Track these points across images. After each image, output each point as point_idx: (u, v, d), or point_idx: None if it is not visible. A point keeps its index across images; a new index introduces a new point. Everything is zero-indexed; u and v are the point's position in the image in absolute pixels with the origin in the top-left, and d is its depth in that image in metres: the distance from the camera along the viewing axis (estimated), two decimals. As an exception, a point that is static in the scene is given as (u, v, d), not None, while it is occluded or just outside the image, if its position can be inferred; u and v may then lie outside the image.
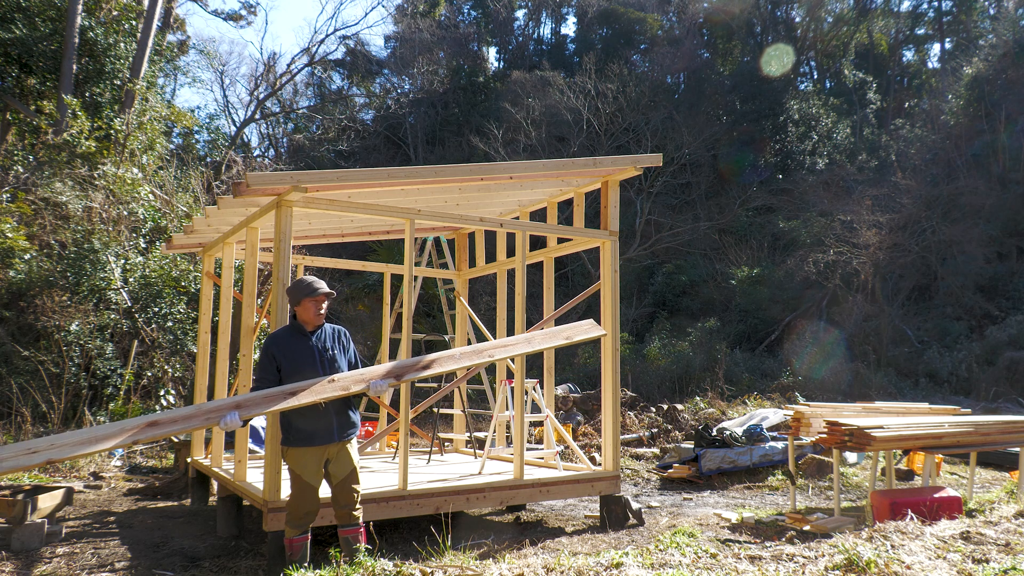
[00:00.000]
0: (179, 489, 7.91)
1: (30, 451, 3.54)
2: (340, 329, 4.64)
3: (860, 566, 3.56)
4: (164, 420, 3.89)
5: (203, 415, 3.97)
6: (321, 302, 4.44)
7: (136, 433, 3.76)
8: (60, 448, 3.60)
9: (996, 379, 16.66)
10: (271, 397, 4.10)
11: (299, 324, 4.46)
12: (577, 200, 7.21)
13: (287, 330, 4.49)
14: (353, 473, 4.43)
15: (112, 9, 16.73)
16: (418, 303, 17.89)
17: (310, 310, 4.42)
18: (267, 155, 31.95)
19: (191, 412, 3.99)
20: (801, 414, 7.11)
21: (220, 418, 3.93)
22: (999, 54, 26.46)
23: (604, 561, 3.63)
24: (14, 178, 13.33)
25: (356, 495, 4.43)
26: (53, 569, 5.01)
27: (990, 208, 22.50)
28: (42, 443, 3.60)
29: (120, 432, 3.75)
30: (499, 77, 32.80)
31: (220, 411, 3.99)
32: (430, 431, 8.94)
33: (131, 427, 3.78)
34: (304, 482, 4.34)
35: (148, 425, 3.81)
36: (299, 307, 4.44)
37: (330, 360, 4.43)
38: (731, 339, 20.45)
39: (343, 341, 4.59)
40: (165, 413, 3.97)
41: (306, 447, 4.32)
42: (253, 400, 4.08)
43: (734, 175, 27.03)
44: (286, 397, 4.10)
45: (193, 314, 12.39)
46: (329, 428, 4.34)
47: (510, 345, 4.97)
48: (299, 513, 4.39)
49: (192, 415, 3.98)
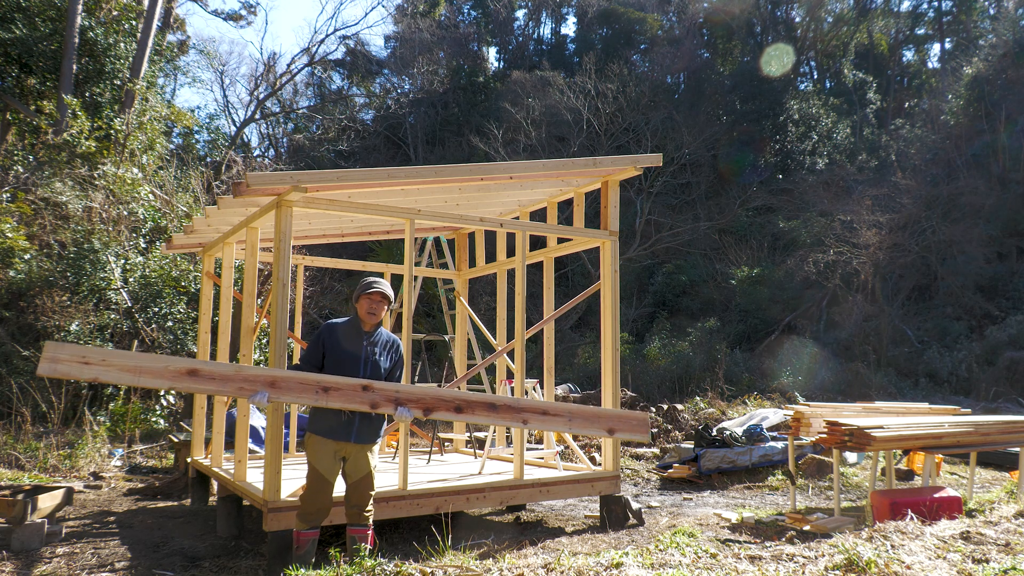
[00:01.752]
0: (179, 489, 7.91)
1: (83, 359, 3.81)
2: (396, 340, 4.74)
3: (860, 566, 3.56)
4: (204, 372, 4.03)
5: (239, 381, 4.07)
6: (375, 301, 4.54)
7: (176, 379, 3.96)
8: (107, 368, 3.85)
9: (996, 379, 16.66)
10: (305, 385, 4.15)
11: (358, 320, 4.60)
12: (577, 200, 7.21)
13: (347, 322, 4.63)
14: (368, 477, 4.47)
15: (112, 9, 16.74)
16: (418, 303, 17.89)
17: (363, 307, 4.56)
18: (267, 155, 31.96)
19: (229, 374, 4.09)
20: (801, 414, 7.11)
21: (252, 393, 4.03)
22: (999, 54, 26.47)
23: (604, 561, 3.63)
24: (14, 178, 13.33)
25: (368, 498, 4.47)
26: (53, 569, 5.01)
27: (990, 208, 22.51)
28: (95, 355, 3.87)
29: (163, 371, 3.95)
30: (499, 77, 32.80)
31: (255, 384, 4.06)
32: (430, 431, 8.94)
33: (174, 368, 3.98)
34: (319, 474, 4.38)
35: (188, 373, 3.99)
36: (357, 304, 4.60)
37: (374, 363, 4.52)
38: (731, 339, 20.45)
39: (392, 351, 4.68)
40: (207, 364, 4.11)
41: (323, 438, 4.39)
42: (287, 383, 4.14)
43: (734, 175, 27.03)
44: (317, 392, 4.15)
45: (193, 314, 12.39)
46: (348, 427, 4.39)
47: (548, 417, 4.68)
48: (311, 508, 4.41)
49: (230, 377, 4.08)
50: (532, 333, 6.67)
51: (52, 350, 3.78)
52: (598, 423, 4.80)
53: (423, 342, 12.08)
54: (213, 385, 4.04)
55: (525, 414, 4.62)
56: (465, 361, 8.98)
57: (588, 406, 4.89)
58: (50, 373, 3.75)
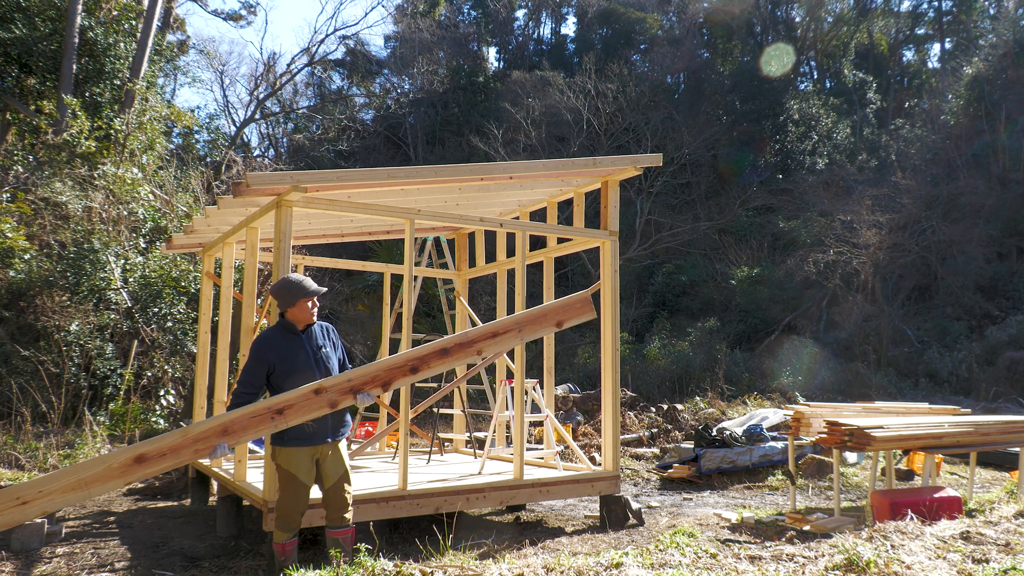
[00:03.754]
0: (179, 489, 7.91)
1: (18, 501, 3.43)
2: (327, 325, 4.58)
3: (860, 566, 3.56)
4: (151, 453, 3.73)
5: (191, 445, 3.82)
6: (318, 300, 4.43)
7: (126, 473, 3.64)
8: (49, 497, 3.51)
9: (996, 379, 16.66)
10: (258, 417, 3.94)
11: (289, 323, 4.38)
12: (577, 200, 7.21)
13: (277, 330, 4.38)
14: (346, 475, 4.40)
15: (112, 9, 16.73)
16: (418, 303, 17.88)
17: (306, 310, 4.36)
18: (267, 155, 31.96)
19: (177, 442, 3.82)
20: (801, 414, 7.11)
21: (210, 450, 3.85)
22: (999, 54, 26.46)
23: (604, 561, 3.63)
24: (14, 178, 13.33)
25: (349, 496, 4.41)
26: (53, 569, 5.01)
27: (990, 208, 22.50)
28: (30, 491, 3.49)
29: (109, 472, 3.61)
30: (499, 77, 32.79)
31: (208, 440, 3.85)
32: (430, 431, 8.94)
33: (119, 463, 3.63)
34: (299, 482, 4.28)
35: (136, 460, 3.68)
36: (294, 308, 4.35)
37: (325, 358, 4.39)
38: (731, 339, 20.44)
39: (332, 338, 4.55)
40: (150, 444, 3.78)
41: (302, 447, 4.26)
42: (240, 424, 3.93)
43: (734, 175, 27.03)
44: (272, 417, 3.95)
45: (193, 314, 12.39)
46: (325, 428, 4.31)
47: (499, 337, 4.58)
48: (293, 515, 4.33)
49: (179, 445, 3.81)
50: (532, 333, 6.67)
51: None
52: (545, 321, 4.75)
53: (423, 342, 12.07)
54: (167, 461, 3.76)
55: (477, 344, 4.50)
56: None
57: (532, 308, 4.82)
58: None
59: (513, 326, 4.62)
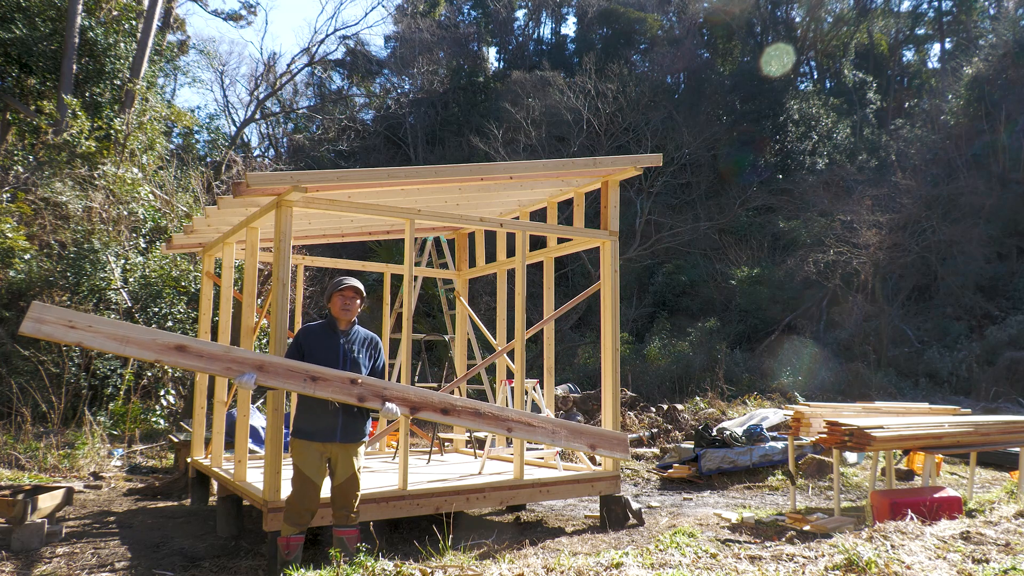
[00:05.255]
0: (179, 489, 7.90)
1: (69, 323, 3.75)
2: (374, 337, 4.77)
3: (860, 566, 3.56)
4: (192, 349, 4.02)
5: (227, 361, 4.07)
6: (347, 297, 4.58)
7: (163, 352, 3.94)
8: (94, 334, 3.82)
9: (996, 379, 16.66)
10: (293, 372, 4.18)
11: (333, 320, 4.62)
12: (577, 200, 7.21)
13: (321, 324, 4.65)
14: (354, 478, 4.48)
15: (112, 9, 16.73)
16: (418, 303, 17.88)
17: (336, 305, 4.58)
18: (267, 155, 31.94)
19: (218, 353, 4.09)
20: (801, 414, 7.11)
21: (239, 374, 4.08)
22: (999, 54, 26.46)
23: (604, 561, 3.63)
24: (14, 178, 13.33)
25: (355, 499, 4.49)
26: (53, 569, 5.01)
27: (990, 208, 22.50)
28: (82, 320, 3.82)
29: (150, 343, 3.92)
30: (499, 77, 32.79)
31: (243, 365, 4.09)
32: (430, 431, 8.94)
33: (162, 342, 3.95)
34: (305, 476, 4.39)
35: (176, 348, 3.98)
36: (330, 303, 4.61)
37: (353, 362, 4.53)
38: (731, 339, 20.45)
39: (372, 350, 4.69)
40: (196, 341, 4.08)
41: (308, 441, 4.41)
42: (276, 368, 4.16)
43: (734, 175, 27.03)
44: (305, 380, 4.17)
45: (193, 314, 12.39)
46: (332, 428, 4.39)
47: (534, 428, 4.70)
48: (298, 509, 4.40)
49: (218, 356, 4.07)
50: (532, 333, 6.67)
51: (38, 311, 3.70)
52: (581, 439, 4.84)
53: (423, 342, 12.06)
54: (200, 362, 4.02)
55: (510, 423, 4.66)
56: (465, 361, 8.98)
57: (571, 422, 4.93)
58: (33, 333, 3.67)
59: (549, 427, 4.76)
